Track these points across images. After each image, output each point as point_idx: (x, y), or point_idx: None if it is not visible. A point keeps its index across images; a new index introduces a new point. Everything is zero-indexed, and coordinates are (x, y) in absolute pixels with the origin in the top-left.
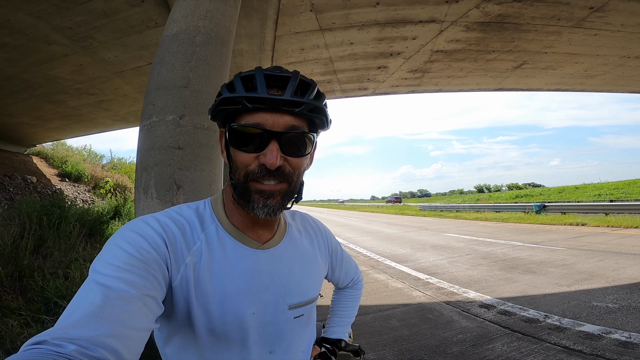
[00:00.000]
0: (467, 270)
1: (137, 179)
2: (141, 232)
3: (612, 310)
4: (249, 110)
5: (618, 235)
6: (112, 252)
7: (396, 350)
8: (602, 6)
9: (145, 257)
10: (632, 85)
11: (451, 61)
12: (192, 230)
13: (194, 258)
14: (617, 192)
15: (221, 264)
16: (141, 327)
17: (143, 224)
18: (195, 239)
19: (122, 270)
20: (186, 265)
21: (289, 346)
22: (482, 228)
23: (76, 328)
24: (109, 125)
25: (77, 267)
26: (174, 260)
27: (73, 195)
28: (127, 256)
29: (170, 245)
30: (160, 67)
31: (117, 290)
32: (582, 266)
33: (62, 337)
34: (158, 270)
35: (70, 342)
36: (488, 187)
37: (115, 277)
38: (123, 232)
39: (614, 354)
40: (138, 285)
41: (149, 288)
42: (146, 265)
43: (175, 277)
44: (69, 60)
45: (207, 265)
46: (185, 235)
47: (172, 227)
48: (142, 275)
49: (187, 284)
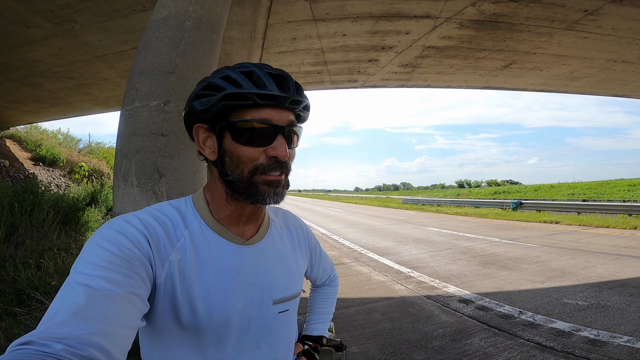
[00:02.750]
0: (447, 265)
1: (117, 165)
2: (122, 231)
3: (582, 307)
4: (256, 106)
5: (589, 234)
6: (93, 251)
7: (379, 343)
8: (597, 9)
9: (127, 255)
10: (615, 89)
11: (442, 57)
12: (175, 227)
13: (178, 255)
14: (589, 192)
15: (206, 260)
16: (127, 324)
17: (124, 222)
18: (178, 236)
19: (104, 269)
20: (170, 263)
21: (275, 341)
22: (462, 223)
23: (62, 327)
24: (88, 109)
25: (51, 256)
26: (157, 257)
27: (47, 180)
28: (109, 255)
29: (153, 242)
30: (145, 51)
31: (101, 289)
32: (555, 264)
33: (49, 337)
34: (142, 268)
35: (57, 342)
36: (469, 182)
37: (98, 276)
38: (103, 231)
39: (583, 351)
40: (122, 284)
41: (133, 286)
42: (129, 264)
43: (160, 275)
44: (48, 44)
45: (191, 261)
46: (168, 233)
47: (155, 225)
48: (126, 273)
49: (172, 281)
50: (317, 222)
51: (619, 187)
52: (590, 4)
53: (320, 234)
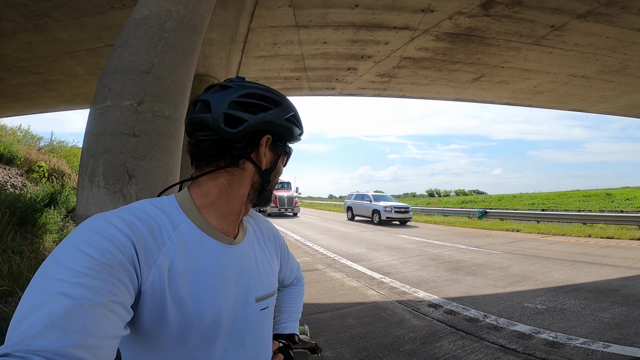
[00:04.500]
0: (417, 271)
1: (83, 165)
2: (104, 233)
3: (540, 311)
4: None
5: (547, 242)
6: (70, 255)
7: (353, 348)
8: (563, 25)
9: (109, 260)
10: (574, 104)
11: (417, 69)
12: (162, 229)
13: (166, 258)
14: (548, 202)
15: (196, 261)
16: (109, 335)
17: (106, 223)
18: (165, 239)
19: (83, 275)
20: (158, 267)
21: (258, 338)
22: (431, 230)
23: (37, 339)
24: (52, 106)
25: (5, 259)
26: (143, 262)
27: (3, 179)
28: (89, 260)
29: (138, 246)
30: (122, 49)
31: (79, 298)
32: (516, 269)
33: (25, 350)
34: (125, 274)
35: (34, 354)
36: (438, 192)
37: (77, 283)
38: (81, 233)
39: (542, 353)
40: (103, 292)
41: (115, 294)
42: (111, 269)
43: (146, 280)
44: (17, 38)
45: (180, 264)
46: (154, 235)
47: (140, 226)
48: (108, 280)
49: (160, 285)
50: (291, 228)
51: (575, 198)
52: (557, 19)
53: (294, 240)
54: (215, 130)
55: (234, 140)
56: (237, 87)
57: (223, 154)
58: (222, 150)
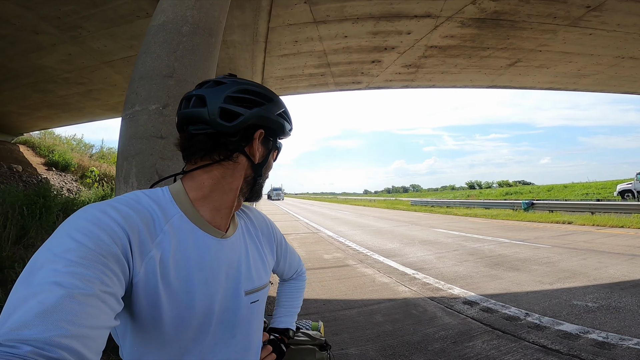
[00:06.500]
0: (453, 266)
1: (118, 168)
2: (99, 223)
3: (591, 309)
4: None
5: (603, 234)
6: (64, 244)
7: (378, 345)
8: (599, 5)
9: (103, 250)
10: (625, 86)
11: (445, 57)
12: (155, 220)
13: (159, 250)
14: (604, 191)
15: (188, 254)
16: (100, 325)
17: (101, 213)
18: (157, 231)
19: (76, 264)
20: (150, 258)
21: (248, 330)
22: (471, 224)
23: (28, 328)
24: (98, 115)
25: None
26: (137, 253)
27: (59, 184)
28: (83, 249)
29: (132, 237)
30: (145, 56)
31: (71, 287)
32: (565, 264)
33: (15, 339)
34: (117, 265)
35: (24, 344)
36: (479, 183)
37: (70, 272)
38: (76, 222)
39: (590, 354)
40: (95, 282)
41: (107, 284)
42: (104, 260)
43: (138, 272)
44: (57, 50)
45: (173, 256)
46: (148, 226)
47: (135, 218)
48: (101, 270)
49: (153, 276)
50: (324, 224)
51: None
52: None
53: (327, 236)
54: (211, 124)
55: (229, 133)
56: (231, 83)
57: (218, 147)
58: (217, 144)
